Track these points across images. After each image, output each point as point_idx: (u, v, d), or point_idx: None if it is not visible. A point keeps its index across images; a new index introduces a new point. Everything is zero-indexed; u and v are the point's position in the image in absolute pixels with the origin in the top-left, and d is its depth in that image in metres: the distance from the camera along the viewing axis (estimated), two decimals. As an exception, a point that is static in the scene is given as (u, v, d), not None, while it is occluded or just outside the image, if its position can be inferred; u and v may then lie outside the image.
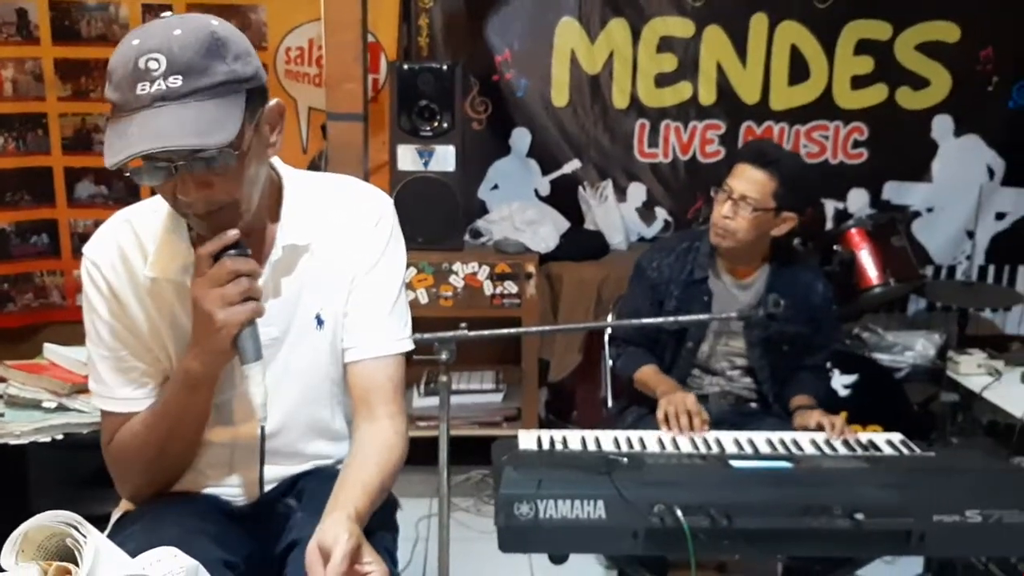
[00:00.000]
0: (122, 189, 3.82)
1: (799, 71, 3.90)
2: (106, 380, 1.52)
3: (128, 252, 1.48)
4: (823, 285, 2.63)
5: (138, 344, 1.50)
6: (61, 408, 2.43)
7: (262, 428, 1.46)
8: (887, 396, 3.22)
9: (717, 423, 2.51)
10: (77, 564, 0.94)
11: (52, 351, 2.59)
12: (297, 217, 1.51)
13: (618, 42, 3.88)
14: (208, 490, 1.57)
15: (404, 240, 1.63)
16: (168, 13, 1.35)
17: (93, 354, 1.53)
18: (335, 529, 1.24)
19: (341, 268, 1.55)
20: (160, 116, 1.23)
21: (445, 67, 3.45)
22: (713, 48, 3.88)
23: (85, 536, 0.95)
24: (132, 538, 1.39)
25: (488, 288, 3.48)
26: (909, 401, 3.25)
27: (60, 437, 2.40)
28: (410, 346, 1.61)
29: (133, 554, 1.19)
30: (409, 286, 3.42)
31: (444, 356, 2.03)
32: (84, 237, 3.78)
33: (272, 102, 1.39)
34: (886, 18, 3.85)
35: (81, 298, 1.52)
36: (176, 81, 1.23)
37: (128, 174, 1.29)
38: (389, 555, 1.50)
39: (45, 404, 2.43)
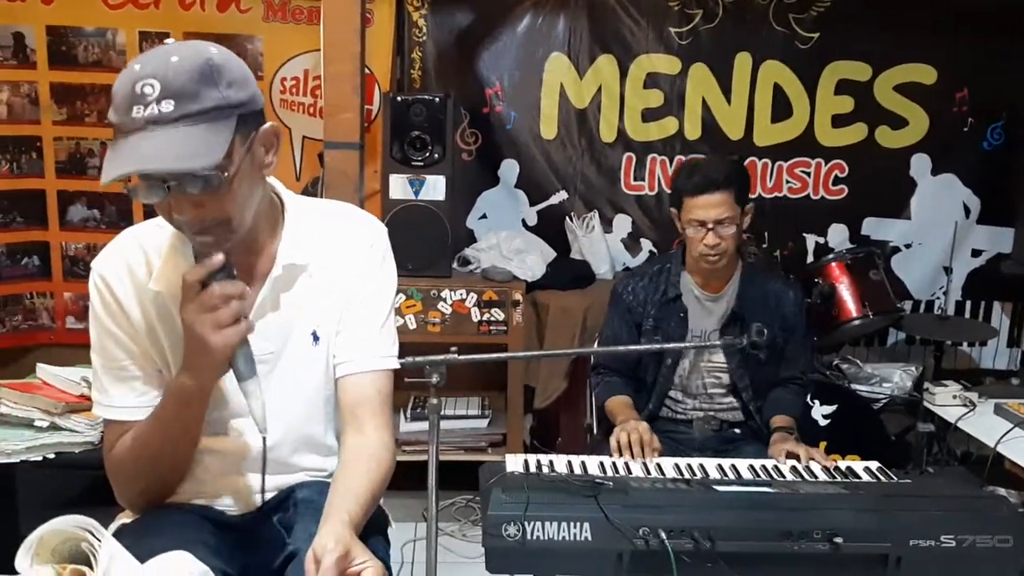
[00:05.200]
0: (114, 213, 3.86)
1: (782, 109, 4.00)
2: (108, 389, 1.56)
3: (135, 266, 1.54)
4: (793, 292, 2.72)
5: (141, 355, 1.55)
6: (53, 427, 2.45)
7: (264, 439, 1.49)
8: (865, 426, 3.27)
9: (701, 449, 2.57)
10: (91, 567, 0.97)
11: (45, 371, 2.62)
12: (297, 238, 1.57)
13: (606, 77, 3.97)
14: (205, 501, 1.61)
15: (395, 266, 1.69)
16: (171, 40, 1.41)
17: (96, 364, 1.58)
18: (326, 538, 1.29)
19: (336, 288, 1.61)
20: (150, 139, 1.29)
21: (437, 99, 3.52)
22: (698, 85, 3.98)
23: (100, 540, 0.98)
24: (130, 551, 1.42)
25: (475, 315, 3.53)
26: (886, 431, 3.30)
27: (52, 456, 2.43)
28: (397, 364, 1.67)
29: (132, 566, 1.22)
30: (398, 312, 3.46)
31: (435, 379, 2.06)
32: (75, 260, 3.86)
33: (267, 125, 1.45)
34: (865, 60, 3.96)
35: (70, 321, 1.57)
36: (168, 106, 1.29)
37: (127, 191, 1.36)
38: (385, 564, 1.53)
39: (37, 423, 2.45)
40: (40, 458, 2.41)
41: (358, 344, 1.62)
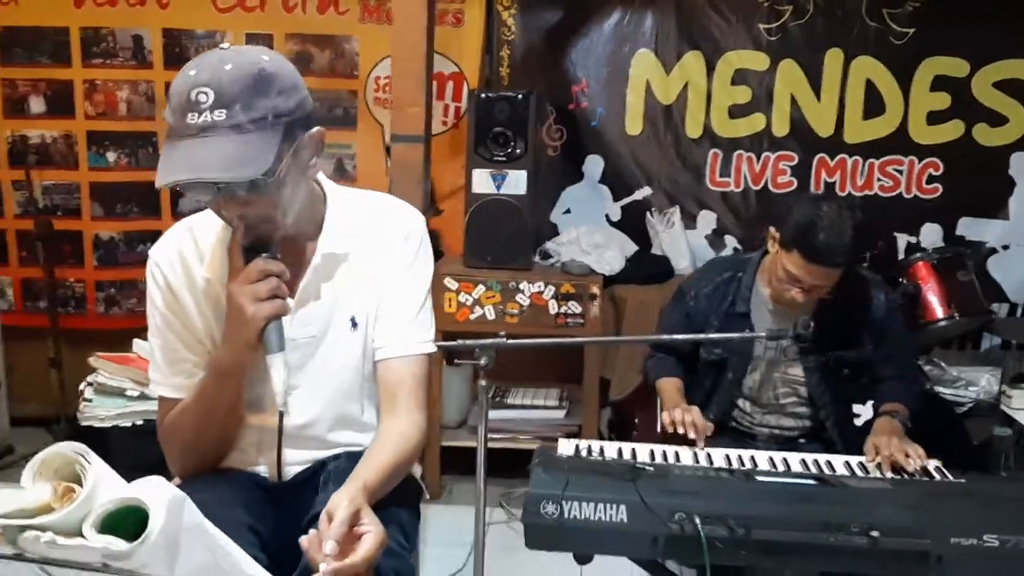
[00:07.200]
0: (220, 205, 4.09)
1: (874, 105, 3.91)
2: (163, 368, 1.71)
3: (187, 255, 1.67)
4: (884, 295, 2.55)
5: (191, 338, 1.69)
6: (143, 397, 2.66)
7: (280, 414, 1.61)
8: (946, 430, 3.18)
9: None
10: (81, 486, 1.12)
11: (140, 346, 2.83)
12: (338, 229, 1.68)
13: (693, 74, 3.96)
14: (246, 467, 1.74)
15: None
16: (226, 44, 1.51)
17: (152, 344, 1.72)
18: (340, 497, 1.39)
19: (374, 275, 1.71)
20: (203, 147, 1.39)
21: (520, 95, 3.60)
22: (788, 81, 3.92)
23: (90, 463, 1.13)
24: None
25: (553, 307, 3.59)
26: (969, 436, 3.20)
27: (140, 423, 2.64)
28: (433, 349, 1.76)
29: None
30: (478, 303, 3.56)
31: (483, 361, 2.16)
32: (184, 247, 4.11)
33: (314, 130, 1.54)
34: (963, 55, 3.82)
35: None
36: (221, 115, 1.39)
37: (179, 189, 1.47)
38: (402, 529, 1.63)
39: (128, 392, 2.67)
40: (130, 424, 2.62)
41: (395, 331, 1.71)
